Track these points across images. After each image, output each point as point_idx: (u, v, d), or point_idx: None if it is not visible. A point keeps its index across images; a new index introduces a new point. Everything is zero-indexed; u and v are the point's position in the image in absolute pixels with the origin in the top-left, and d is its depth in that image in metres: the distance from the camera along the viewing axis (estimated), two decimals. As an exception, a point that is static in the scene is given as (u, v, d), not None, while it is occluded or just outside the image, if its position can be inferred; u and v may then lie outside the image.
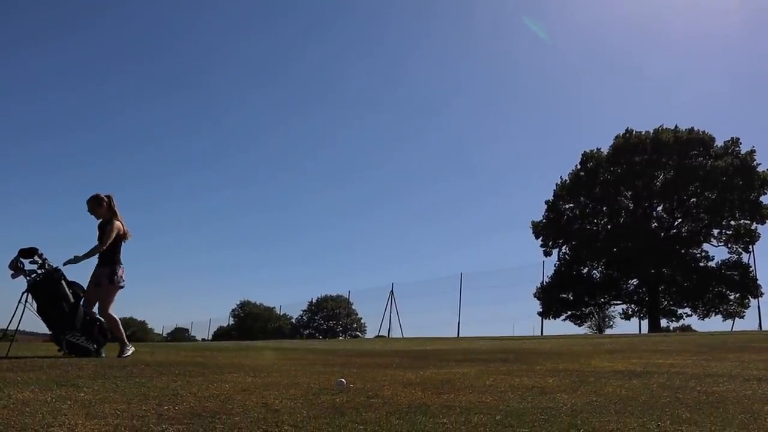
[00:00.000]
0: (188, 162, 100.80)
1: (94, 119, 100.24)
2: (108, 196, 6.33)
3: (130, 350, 6.33)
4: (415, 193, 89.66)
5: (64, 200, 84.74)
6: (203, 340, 44.49)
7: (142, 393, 3.00)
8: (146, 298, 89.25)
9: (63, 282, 5.99)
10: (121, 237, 6.25)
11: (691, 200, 32.40)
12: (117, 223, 6.20)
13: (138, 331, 64.62)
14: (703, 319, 32.20)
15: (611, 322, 44.89)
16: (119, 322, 6.36)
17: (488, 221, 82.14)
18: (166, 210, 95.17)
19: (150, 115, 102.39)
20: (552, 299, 33.19)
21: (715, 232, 32.32)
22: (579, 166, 34.97)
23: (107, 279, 6.11)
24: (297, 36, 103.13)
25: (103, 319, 6.25)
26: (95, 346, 6.11)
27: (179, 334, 52.47)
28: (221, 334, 48.01)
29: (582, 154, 35.02)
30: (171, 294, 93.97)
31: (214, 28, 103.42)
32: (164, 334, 56.49)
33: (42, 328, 6.49)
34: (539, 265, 32.07)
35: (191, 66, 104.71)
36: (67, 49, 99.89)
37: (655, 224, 33.48)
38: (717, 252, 44.72)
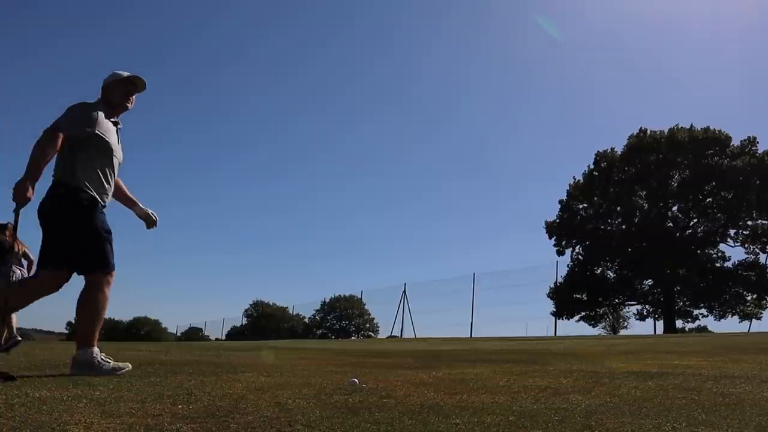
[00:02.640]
0: (200, 161, 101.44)
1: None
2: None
3: None
4: (428, 193, 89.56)
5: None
6: (217, 339, 44.76)
7: (157, 392, 3.02)
8: (160, 298, 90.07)
9: None
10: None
11: (707, 200, 32.05)
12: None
13: (152, 330, 65.09)
14: (719, 320, 31.89)
15: (626, 323, 44.55)
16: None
17: (501, 221, 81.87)
18: (179, 210, 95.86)
19: (161, 116, 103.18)
20: (566, 299, 32.99)
21: (732, 232, 31.98)
22: (593, 166, 34.71)
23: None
24: (308, 35, 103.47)
25: None
26: None
27: (193, 334, 52.82)
28: (234, 334, 48.28)
29: (596, 154, 34.76)
30: (185, 294, 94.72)
31: (226, 27, 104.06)
32: (178, 334, 56.90)
33: (59, 326, 6.74)
34: (553, 265, 31.87)
35: (204, 64, 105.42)
36: (73, 51, 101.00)
37: (671, 224, 33.16)
38: (734, 252, 44.29)
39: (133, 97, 3.88)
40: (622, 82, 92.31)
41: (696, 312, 32.64)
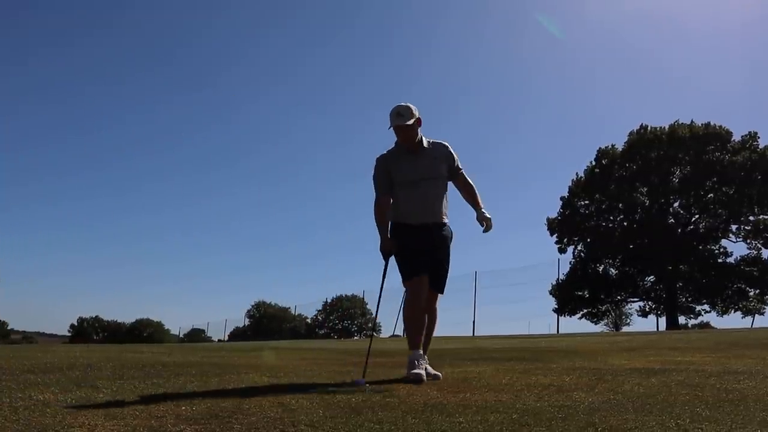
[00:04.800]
0: (203, 162, 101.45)
1: (108, 120, 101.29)
2: None
3: None
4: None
5: (75, 200, 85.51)
6: (219, 340, 44.75)
7: (160, 394, 3.02)
8: (163, 299, 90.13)
9: None
10: None
11: (709, 196, 31.94)
12: None
13: (155, 332, 65.13)
14: (722, 316, 31.82)
15: (628, 320, 44.50)
16: None
17: (502, 219, 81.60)
18: (181, 211, 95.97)
19: (164, 116, 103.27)
20: (568, 297, 32.93)
21: (734, 227, 31.89)
22: (594, 163, 34.64)
23: None
24: (308, 35, 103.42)
25: None
26: None
27: (195, 335, 52.82)
28: (237, 335, 48.25)
29: (597, 151, 34.67)
30: (187, 295, 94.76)
31: (226, 27, 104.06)
32: (181, 335, 56.94)
33: (62, 329, 6.71)
34: (554, 262, 31.74)
35: (204, 64, 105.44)
36: (74, 51, 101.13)
37: (672, 220, 33.09)
38: (736, 248, 44.11)
39: (409, 131, 4.33)
40: (623, 79, 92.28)
41: (698, 308, 32.58)
